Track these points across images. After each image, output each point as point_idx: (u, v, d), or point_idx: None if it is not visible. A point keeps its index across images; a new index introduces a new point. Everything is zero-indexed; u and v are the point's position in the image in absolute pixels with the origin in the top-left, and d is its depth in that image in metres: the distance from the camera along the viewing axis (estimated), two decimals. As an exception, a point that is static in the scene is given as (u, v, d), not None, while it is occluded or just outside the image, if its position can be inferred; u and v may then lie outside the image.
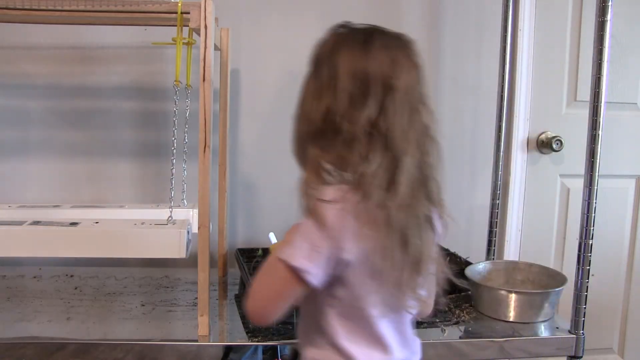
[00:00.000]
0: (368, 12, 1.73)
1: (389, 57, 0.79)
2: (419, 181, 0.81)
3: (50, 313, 1.30)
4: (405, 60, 0.80)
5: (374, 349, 0.85)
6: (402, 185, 0.78)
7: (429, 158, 0.83)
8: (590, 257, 1.23)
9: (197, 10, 1.12)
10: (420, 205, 0.81)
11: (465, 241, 1.82)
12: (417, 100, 0.81)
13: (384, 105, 0.77)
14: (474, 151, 1.82)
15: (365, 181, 0.77)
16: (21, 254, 1.32)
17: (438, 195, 0.85)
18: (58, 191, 1.66)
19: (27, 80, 1.63)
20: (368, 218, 0.77)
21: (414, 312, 0.89)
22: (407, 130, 0.79)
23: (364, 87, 0.77)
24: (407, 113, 0.79)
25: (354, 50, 0.79)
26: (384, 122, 0.78)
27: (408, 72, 0.80)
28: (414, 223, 0.80)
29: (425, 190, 0.83)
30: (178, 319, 1.28)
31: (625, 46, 1.79)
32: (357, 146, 0.78)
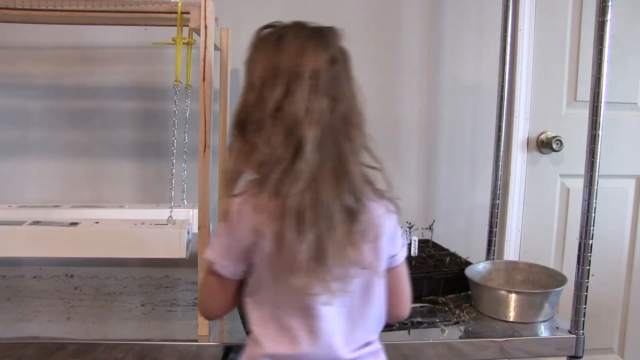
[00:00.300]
0: (368, 13, 1.73)
1: (298, 47, 0.80)
2: (332, 170, 0.80)
3: (50, 313, 1.30)
4: (314, 48, 0.80)
5: (281, 339, 0.85)
6: (302, 172, 0.78)
7: (350, 146, 0.81)
8: (590, 257, 1.23)
9: (197, 10, 1.12)
10: (329, 193, 0.79)
11: (465, 241, 1.82)
12: (333, 88, 0.80)
13: (289, 90, 0.78)
14: (474, 151, 1.82)
15: (264, 168, 0.79)
16: (21, 254, 1.32)
17: (360, 185, 0.82)
18: (58, 191, 1.67)
19: (27, 80, 1.63)
20: (266, 206, 0.79)
21: (327, 302, 0.83)
22: (315, 116, 0.78)
23: (273, 76, 0.79)
24: (317, 99, 0.78)
25: (268, 47, 0.82)
26: (289, 107, 0.78)
27: (316, 59, 0.80)
28: (315, 211, 0.78)
29: (345, 179, 0.80)
30: (178, 319, 1.28)
31: (625, 46, 1.79)
32: (263, 133, 0.79)
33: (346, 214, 0.80)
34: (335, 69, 0.81)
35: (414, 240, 1.55)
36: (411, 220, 1.67)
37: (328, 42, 0.83)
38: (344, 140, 0.81)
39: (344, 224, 0.80)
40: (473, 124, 1.81)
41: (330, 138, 0.80)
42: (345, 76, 0.83)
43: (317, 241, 0.78)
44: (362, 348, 0.89)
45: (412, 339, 1.21)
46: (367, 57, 1.74)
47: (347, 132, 0.81)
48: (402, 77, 1.77)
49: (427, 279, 1.43)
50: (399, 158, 1.80)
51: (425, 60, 1.77)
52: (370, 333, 0.91)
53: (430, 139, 1.80)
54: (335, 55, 0.82)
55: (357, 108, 0.84)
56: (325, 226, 0.79)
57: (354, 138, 0.82)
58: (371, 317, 0.90)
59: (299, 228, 0.78)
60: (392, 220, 0.89)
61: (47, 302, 1.36)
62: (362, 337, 0.90)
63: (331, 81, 0.80)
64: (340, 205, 0.80)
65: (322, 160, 0.79)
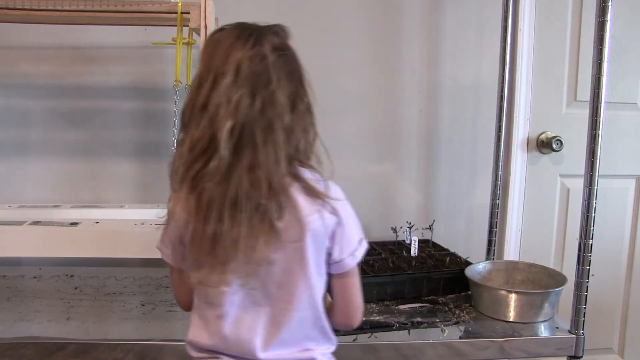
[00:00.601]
0: (368, 13, 1.73)
1: (228, 46, 0.82)
2: (247, 166, 0.79)
3: (50, 313, 1.30)
4: (241, 46, 0.81)
5: (200, 329, 0.89)
6: (216, 167, 0.79)
7: (271, 144, 0.80)
8: (590, 257, 1.23)
9: (197, 10, 1.12)
10: (240, 189, 0.79)
11: (465, 241, 1.82)
12: (256, 83, 0.80)
13: (214, 86, 0.80)
14: (474, 151, 1.82)
15: (187, 162, 0.81)
16: (21, 254, 1.32)
17: (279, 182, 0.80)
18: (58, 191, 1.66)
19: (27, 80, 1.63)
20: (185, 201, 0.83)
21: (226, 298, 0.85)
22: (232, 109, 0.79)
23: (206, 75, 0.82)
24: (236, 93, 0.79)
25: (207, 50, 0.85)
26: (212, 102, 0.80)
27: (240, 56, 0.81)
28: (222, 206, 0.79)
29: (261, 176, 0.79)
30: (178, 319, 1.28)
31: (625, 46, 1.79)
32: (192, 128, 0.81)
33: (257, 211, 0.79)
34: (261, 64, 0.81)
35: (414, 240, 1.55)
36: (411, 220, 1.67)
37: (258, 40, 0.83)
38: (264, 137, 0.80)
39: (251, 221, 0.79)
40: (473, 124, 1.81)
41: (249, 133, 0.79)
42: (275, 72, 0.82)
43: (217, 237, 0.79)
44: (287, 351, 0.88)
45: (412, 339, 1.21)
46: (367, 57, 1.75)
47: (268, 129, 0.80)
48: (402, 77, 1.77)
49: (427, 279, 1.43)
50: (399, 158, 1.80)
51: (425, 60, 1.77)
52: (303, 339, 0.89)
53: (430, 139, 1.80)
54: (263, 52, 0.82)
55: (283, 104, 0.82)
56: (230, 222, 0.79)
57: (276, 136, 0.80)
58: (299, 321, 0.87)
59: (205, 223, 0.80)
60: (324, 221, 0.85)
61: (47, 302, 1.36)
62: (290, 341, 0.88)
63: (254, 76, 0.80)
64: (251, 201, 0.79)
65: (239, 156, 0.79)
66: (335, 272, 0.90)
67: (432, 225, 1.68)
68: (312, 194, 0.83)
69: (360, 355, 1.19)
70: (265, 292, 0.86)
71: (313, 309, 0.88)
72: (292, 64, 0.86)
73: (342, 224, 0.86)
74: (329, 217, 0.85)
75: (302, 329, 0.88)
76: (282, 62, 0.83)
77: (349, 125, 1.75)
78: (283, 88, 0.82)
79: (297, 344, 0.89)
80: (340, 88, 1.73)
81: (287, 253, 0.83)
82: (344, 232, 0.87)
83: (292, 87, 0.84)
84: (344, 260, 0.88)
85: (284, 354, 0.88)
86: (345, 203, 0.88)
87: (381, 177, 1.79)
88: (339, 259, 0.88)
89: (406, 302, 1.40)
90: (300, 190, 0.83)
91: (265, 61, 0.81)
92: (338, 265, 0.89)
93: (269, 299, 0.86)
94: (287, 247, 0.83)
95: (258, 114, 0.80)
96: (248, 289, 0.85)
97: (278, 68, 0.82)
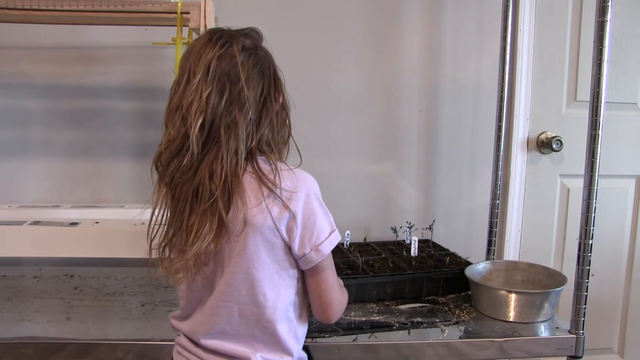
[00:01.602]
0: (368, 13, 1.73)
1: (200, 49, 0.86)
2: (210, 162, 0.83)
3: (50, 313, 1.30)
4: (211, 49, 0.85)
5: (181, 311, 0.96)
6: (186, 163, 0.83)
7: (232, 140, 0.83)
8: (590, 257, 1.23)
9: (197, 10, 1.12)
10: (202, 183, 0.83)
11: (465, 241, 1.82)
12: (224, 83, 0.84)
13: (187, 87, 0.85)
14: (474, 151, 1.82)
15: (164, 159, 0.87)
16: (21, 254, 1.32)
17: (232, 176, 0.83)
18: (58, 191, 1.66)
19: (27, 80, 1.63)
20: (163, 197, 0.89)
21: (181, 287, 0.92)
22: (202, 105, 0.83)
23: (180, 77, 0.87)
24: (205, 91, 0.83)
25: (185, 55, 0.89)
26: (183, 100, 0.84)
27: (210, 57, 0.85)
28: (187, 198, 0.84)
29: (218, 169, 0.83)
30: (178, 319, 1.28)
31: (625, 46, 1.79)
32: (168, 127, 0.87)
33: (210, 203, 0.83)
34: (230, 63, 0.85)
35: (414, 240, 1.55)
36: (411, 220, 1.67)
37: (227, 41, 0.86)
38: (225, 132, 0.83)
39: (205, 211, 0.83)
40: (473, 124, 1.81)
41: (215, 128, 0.83)
42: (243, 71, 0.85)
43: (178, 227, 0.85)
44: (229, 344, 0.90)
45: (412, 339, 1.21)
46: (367, 57, 1.75)
47: (230, 125, 0.83)
48: (402, 77, 1.77)
49: (427, 279, 1.43)
50: (399, 158, 1.80)
51: (425, 60, 1.77)
52: (248, 337, 0.90)
53: (430, 139, 1.80)
54: (231, 52, 0.85)
55: (250, 101, 0.85)
56: (189, 213, 0.84)
57: (239, 131, 0.83)
58: (239, 315, 0.89)
59: (174, 214, 0.87)
60: (272, 215, 0.85)
61: (47, 302, 1.36)
62: (232, 334, 0.90)
63: (223, 75, 0.84)
64: (207, 192, 0.82)
65: (206, 151, 0.84)
66: (303, 267, 0.90)
67: (432, 225, 1.68)
68: (264, 186, 0.84)
69: (360, 355, 1.19)
70: (211, 281, 0.89)
71: (255, 305, 0.88)
72: (263, 63, 0.89)
73: (297, 218, 0.85)
74: (279, 211, 0.85)
75: (245, 325, 0.90)
76: (252, 61, 0.87)
77: (349, 125, 1.75)
78: (253, 86, 0.86)
79: (242, 340, 0.90)
80: (340, 88, 1.73)
81: (231, 246, 0.85)
82: (301, 226, 0.86)
83: (263, 85, 0.88)
84: (306, 254, 0.88)
85: (226, 346, 0.90)
86: (304, 195, 0.86)
87: (381, 177, 1.79)
88: (301, 254, 0.88)
89: (406, 302, 1.40)
90: (251, 183, 0.85)
91: (234, 60, 0.85)
92: (302, 260, 0.89)
93: (213, 288, 0.89)
94: (231, 240, 0.85)
95: (225, 110, 0.83)
96: (199, 277, 0.89)
97: (248, 67, 0.86)
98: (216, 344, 0.91)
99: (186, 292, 0.94)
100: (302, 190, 0.86)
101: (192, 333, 0.93)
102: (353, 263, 1.46)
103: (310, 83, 1.68)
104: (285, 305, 0.90)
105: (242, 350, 0.90)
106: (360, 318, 1.30)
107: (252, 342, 0.91)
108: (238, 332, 0.90)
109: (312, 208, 0.87)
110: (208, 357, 0.91)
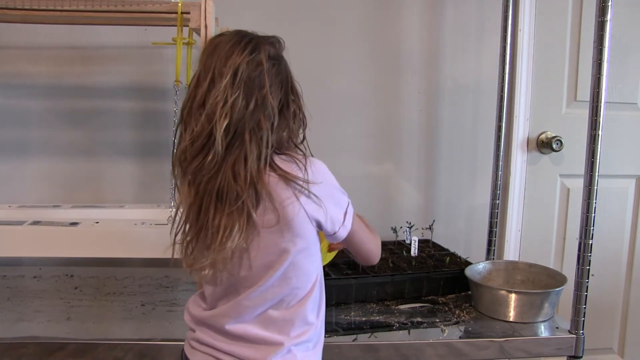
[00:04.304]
0: (368, 13, 1.73)
1: (227, 50, 0.88)
2: (233, 161, 0.86)
3: (50, 313, 1.30)
4: (240, 52, 0.88)
5: (200, 299, 1.00)
6: (211, 162, 0.86)
7: (255, 140, 0.87)
8: (590, 257, 1.23)
9: (197, 10, 1.12)
10: (225, 182, 0.86)
11: (465, 241, 1.82)
12: (251, 87, 0.88)
13: (213, 86, 0.87)
14: (474, 151, 1.82)
15: (186, 157, 0.88)
16: (21, 254, 1.32)
17: (256, 174, 0.86)
18: (58, 191, 1.66)
19: (27, 80, 1.63)
20: (187, 194, 0.91)
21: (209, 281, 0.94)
22: (228, 109, 0.85)
23: (204, 75, 0.89)
24: (232, 94, 0.86)
25: (205, 53, 0.91)
26: (209, 100, 0.86)
27: (239, 61, 0.87)
28: (211, 198, 0.87)
29: (242, 169, 0.86)
30: (178, 319, 1.28)
31: (625, 46, 1.79)
32: (191, 124, 0.88)
33: (236, 202, 0.86)
34: (257, 70, 0.88)
35: (414, 240, 1.55)
36: (411, 220, 1.67)
37: (255, 48, 0.90)
38: (250, 136, 0.87)
39: (231, 211, 0.86)
40: (473, 124, 1.81)
41: (239, 131, 0.87)
42: (268, 79, 0.89)
43: (203, 225, 0.87)
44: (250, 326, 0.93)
45: (412, 339, 1.21)
46: (367, 57, 1.75)
47: (255, 129, 0.87)
48: (402, 77, 1.77)
49: (427, 279, 1.43)
50: (399, 158, 1.80)
51: (425, 60, 1.77)
52: (307, 319, 0.94)
53: (430, 139, 1.80)
54: (259, 59, 0.89)
55: (272, 107, 0.89)
56: (214, 212, 0.87)
57: (261, 135, 0.87)
58: (298, 303, 0.93)
59: (197, 212, 0.88)
60: (301, 205, 0.89)
61: (47, 302, 1.36)
62: (294, 321, 0.93)
63: (250, 81, 0.87)
64: (232, 193, 0.86)
65: (229, 152, 0.86)
66: (337, 240, 0.99)
67: (432, 225, 1.68)
68: (288, 181, 0.88)
69: (360, 355, 1.19)
70: (240, 273, 0.91)
71: (286, 288, 0.93)
72: (283, 74, 0.93)
73: (322, 206, 0.91)
74: (306, 201, 0.89)
75: (275, 310, 0.93)
76: (275, 70, 0.91)
77: (349, 125, 1.75)
78: (274, 94, 0.90)
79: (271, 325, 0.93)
80: (340, 88, 1.73)
81: (260, 238, 0.89)
82: (327, 213, 0.93)
83: (281, 94, 0.92)
84: (337, 232, 0.96)
85: (254, 331, 0.93)
86: (325, 182, 0.93)
87: (381, 177, 1.80)
88: (332, 232, 0.95)
89: (406, 302, 1.40)
90: (277, 179, 0.88)
91: (261, 67, 0.89)
92: (333, 237, 0.97)
93: (242, 280, 0.92)
94: (261, 233, 0.88)
95: (250, 115, 0.87)
96: (227, 271, 0.91)
97: (271, 75, 0.90)
98: (245, 329, 0.93)
99: (212, 284, 0.96)
100: (323, 177, 0.93)
101: (216, 319, 0.95)
102: (353, 263, 1.46)
103: (310, 83, 1.66)
104: (312, 287, 0.96)
105: (271, 336, 0.93)
106: (360, 318, 1.30)
107: (282, 326, 0.94)
108: (267, 317, 0.93)
109: (330, 194, 0.94)
110: (231, 345, 0.93)
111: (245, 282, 0.92)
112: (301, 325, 0.94)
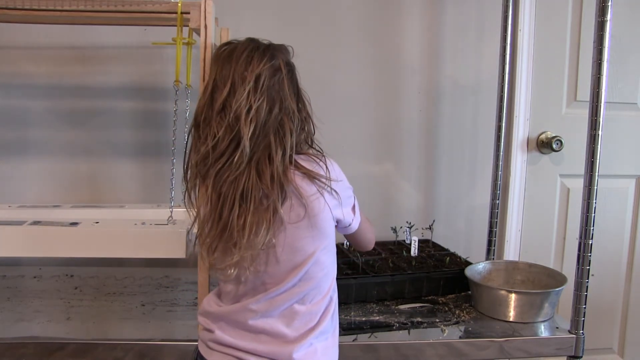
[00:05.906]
0: (368, 13, 1.73)
1: (246, 56, 0.93)
2: (257, 162, 0.90)
3: (50, 313, 1.30)
4: (259, 58, 0.93)
5: (213, 298, 1.02)
6: (236, 163, 0.89)
7: (279, 142, 0.91)
8: (590, 257, 1.23)
9: (197, 10, 1.12)
10: (250, 183, 0.89)
11: (465, 241, 1.82)
12: (273, 92, 0.93)
13: (234, 91, 0.91)
14: (474, 151, 1.82)
15: (208, 159, 0.91)
16: (21, 254, 1.31)
17: (281, 173, 0.90)
18: (58, 191, 1.67)
19: (27, 80, 1.63)
20: (204, 194, 0.94)
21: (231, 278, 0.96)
22: (253, 113, 0.90)
23: (223, 80, 0.92)
24: (256, 100, 0.90)
25: (222, 58, 0.95)
26: (232, 105, 0.90)
27: (259, 67, 0.92)
28: (235, 197, 0.90)
29: (267, 170, 0.90)
30: (178, 319, 1.28)
31: (625, 46, 1.79)
32: (211, 128, 0.91)
33: (261, 200, 0.90)
34: (276, 76, 0.93)
35: (414, 240, 1.55)
36: (411, 220, 1.67)
37: (273, 55, 0.94)
38: (275, 138, 0.91)
39: (256, 208, 0.89)
40: (473, 124, 1.81)
41: (263, 134, 0.91)
42: (286, 84, 0.95)
43: (227, 224, 0.90)
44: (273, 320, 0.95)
45: (412, 339, 1.21)
46: (367, 57, 1.75)
47: (279, 131, 0.92)
48: (402, 77, 1.77)
49: (427, 279, 1.43)
50: (399, 158, 1.80)
51: (425, 60, 1.77)
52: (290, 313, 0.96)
53: (430, 139, 1.80)
54: (278, 66, 0.94)
55: (293, 111, 0.94)
56: (239, 211, 0.89)
57: (284, 136, 0.92)
58: (311, 288, 0.95)
59: (220, 211, 0.91)
60: (325, 200, 0.94)
61: (47, 302, 1.36)
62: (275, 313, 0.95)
63: (271, 86, 0.93)
64: (257, 191, 0.89)
65: (254, 154, 0.90)
66: (349, 232, 1.07)
67: (432, 225, 1.68)
68: (312, 178, 0.93)
69: (360, 355, 1.19)
70: (265, 269, 0.94)
71: (312, 283, 0.95)
72: (295, 79, 0.99)
73: (340, 203, 0.97)
74: (329, 197, 0.94)
75: (301, 305, 0.95)
76: (290, 76, 0.97)
77: (349, 125, 1.75)
78: (292, 98, 0.95)
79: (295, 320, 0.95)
80: (340, 88, 1.73)
81: (286, 233, 0.92)
82: (343, 208, 0.99)
83: (296, 99, 0.97)
84: (351, 224, 1.05)
85: (278, 326, 0.94)
86: (342, 183, 0.98)
87: (381, 177, 1.80)
88: (347, 224, 1.04)
89: (406, 302, 1.40)
90: (301, 177, 0.92)
91: (280, 74, 0.94)
92: (347, 229, 1.05)
93: (268, 276, 0.94)
94: (287, 229, 0.91)
95: (274, 119, 0.92)
96: (251, 269, 0.93)
97: (288, 81, 0.96)
98: (270, 324, 0.94)
99: (235, 283, 0.97)
100: (341, 175, 0.99)
101: (238, 314, 0.96)
102: (353, 263, 1.46)
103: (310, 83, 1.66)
104: (332, 281, 1.00)
105: (295, 330, 0.94)
106: (360, 318, 1.30)
107: (307, 320, 0.96)
108: (293, 312, 0.95)
109: (347, 189, 1.01)
110: (253, 343, 0.94)
111: (272, 278, 0.94)
112: (321, 317, 0.97)
